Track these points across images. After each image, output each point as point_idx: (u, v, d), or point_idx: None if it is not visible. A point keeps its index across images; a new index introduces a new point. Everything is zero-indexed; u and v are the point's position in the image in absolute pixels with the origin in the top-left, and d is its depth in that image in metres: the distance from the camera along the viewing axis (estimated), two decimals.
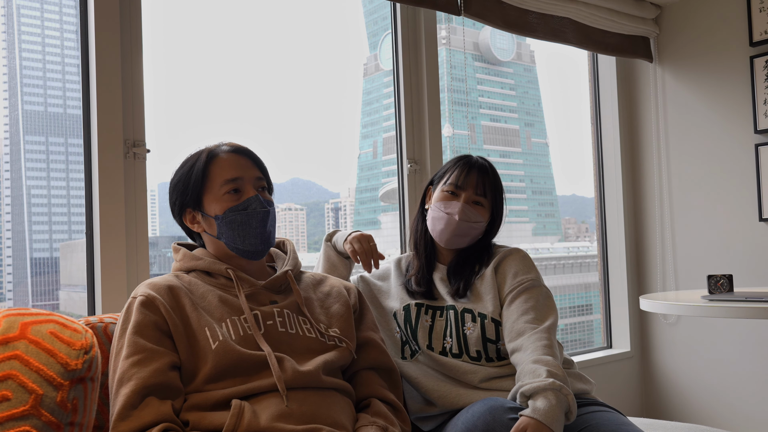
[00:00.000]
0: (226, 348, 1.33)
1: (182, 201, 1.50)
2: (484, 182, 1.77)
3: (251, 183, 1.48)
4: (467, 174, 1.77)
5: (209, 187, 1.47)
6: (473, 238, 1.78)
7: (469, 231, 1.76)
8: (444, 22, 3.09)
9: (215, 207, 1.46)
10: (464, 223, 1.74)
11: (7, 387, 1.14)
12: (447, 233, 1.76)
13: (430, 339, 1.72)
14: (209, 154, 1.49)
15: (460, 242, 1.78)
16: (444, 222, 1.75)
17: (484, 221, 1.78)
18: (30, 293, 2.05)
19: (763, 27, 2.98)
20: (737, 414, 3.10)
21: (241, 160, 1.49)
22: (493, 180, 1.79)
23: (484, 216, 1.77)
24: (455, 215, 1.73)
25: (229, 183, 1.46)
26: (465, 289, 1.72)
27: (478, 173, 1.77)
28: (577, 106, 3.66)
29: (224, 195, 1.46)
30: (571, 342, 3.61)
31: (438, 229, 1.78)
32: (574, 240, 3.93)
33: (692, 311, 2.33)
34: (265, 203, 1.47)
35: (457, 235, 1.75)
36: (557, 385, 1.37)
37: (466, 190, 1.76)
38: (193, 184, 1.47)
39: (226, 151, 1.50)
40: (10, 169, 2.07)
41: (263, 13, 2.61)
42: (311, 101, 2.69)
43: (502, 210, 1.82)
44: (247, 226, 1.45)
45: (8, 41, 2.05)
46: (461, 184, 1.77)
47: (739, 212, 3.08)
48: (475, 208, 1.76)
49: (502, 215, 1.83)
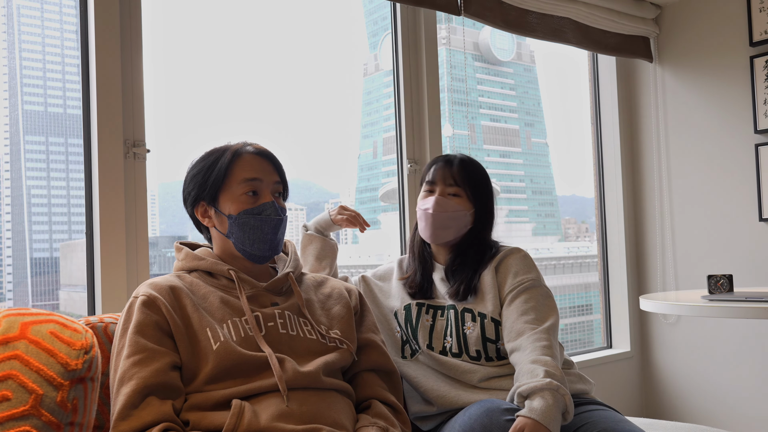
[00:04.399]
0: (228, 349, 1.34)
1: (198, 193, 1.50)
2: (455, 173, 1.79)
3: (269, 187, 1.49)
4: (439, 168, 1.81)
5: (228, 184, 1.47)
6: (458, 229, 1.78)
7: (448, 222, 1.76)
8: (444, 22, 3.09)
9: (230, 206, 1.46)
10: (440, 214, 1.76)
11: (7, 387, 1.14)
12: (428, 229, 1.78)
13: (430, 338, 1.72)
14: (235, 152, 1.49)
15: (445, 235, 1.78)
16: (423, 219, 1.79)
17: (464, 210, 1.77)
18: (30, 293, 2.05)
19: (763, 27, 2.98)
20: (737, 414, 3.10)
21: (264, 164, 1.50)
22: (468, 170, 1.80)
23: (463, 205, 1.78)
24: (429, 209, 1.77)
25: (249, 183, 1.46)
26: (466, 291, 1.72)
27: (447, 166, 1.80)
28: (577, 106, 3.66)
29: (241, 195, 1.46)
30: (571, 342, 3.61)
31: (421, 228, 1.82)
32: (574, 240, 3.93)
33: (692, 311, 2.34)
34: (279, 211, 1.48)
35: (438, 227, 1.77)
36: (554, 385, 1.37)
37: (438, 183, 1.80)
38: (214, 180, 1.47)
39: (250, 152, 1.50)
40: (10, 169, 2.07)
41: (263, 13, 2.61)
42: (311, 101, 2.69)
43: (489, 200, 1.82)
44: (258, 230, 1.46)
45: (8, 41, 2.05)
46: (432, 179, 1.81)
47: (739, 212, 3.08)
48: (452, 199, 1.77)
49: (490, 206, 1.83)
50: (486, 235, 1.83)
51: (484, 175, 1.83)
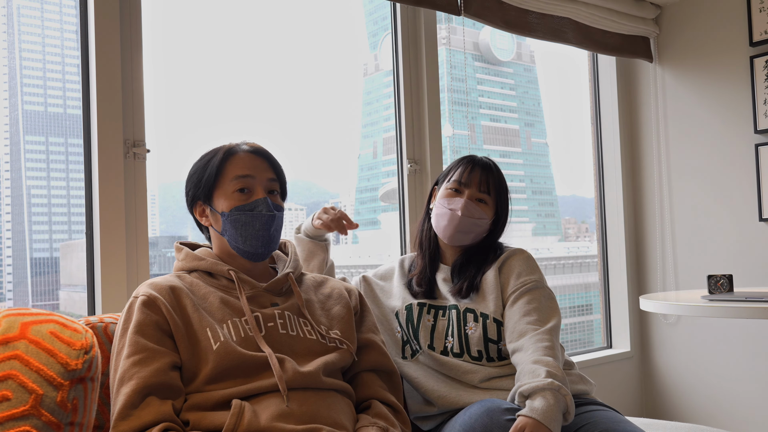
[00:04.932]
0: (228, 349, 1.34)
1: (195, 193, 1.51)
2: (488, 180, 1.78)
3: (262, 184, 1.48)
4: (471, 171, 1.78)
5: (221, 182, 1.47)
6: (477, 235, 1.78)
7: (472, 228, 1.76)
8: (444, 22, 3.09)
9: (223, 203, 1.47)
10: (467, 218, 1.74)
11: (7, 387, 1.14)
12: (450, 229, 1.76)
13: (431, 339, 1.72)
14: (228, 150, 1.50)
15: (464, 239, 1.78)
16: (447, 218, 1.76)
17: (487, 218, 1.78)
18: (30, 293, 2.05)
19: (763, 27, 2.98)
20: (737, 414, 3.10)
21: (257, 161, 1.50)
22: (497, 178, 1.80)
23: (487, 213, 1.78)
24: (458, 211, 1.74)
25: (240, 180, 1.46)
26: (468, 290, 1.72)
27: (481, 171, 1.78)
28: (577, 106, 3.66)
29: (233, 193, 1.46)
30: (571, 342, 3.61)
31: (441, 226, 1.78)
32: (574, 240, 3.93)
33: (692, 311, 2.33)
34: (272, 207, 1.47)
35: (460, 231, 1.75)
36: (556, 385, 1.37)
37: (470, 187, 1.77)
38: (207, 178, 1.48)
39: (244, 150, 1.50)
40: (10, 169, 2.07)
41: (263, 13, 2.61)
42: (311, 101, 2.69)
43: (507, 209, 1.83)
44: (250, 227, 1.45)
45: (8, 41, 2.05)
46: (465, 180, 1.78)
47: (739, 212, 3.08)
48: (479, 206, 1.76)
49: (507, 215, 1.83)
50: (496, 240, 1.84)
51: (506, 185, 1.83)
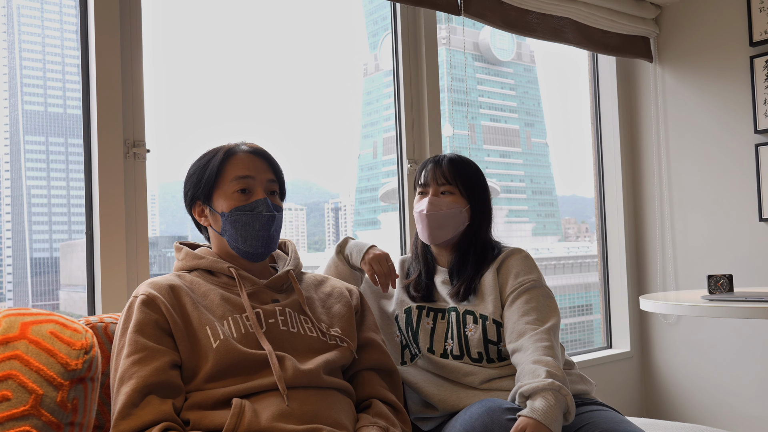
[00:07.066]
0: (227, 347, 1.34)
1: (194, 193, 1.51)
2: (449, 171, 1.77)
3: (262, 185, 1.49)
4: (431, 170, 1.79)
5: (221, 182, 1.48)
6: (455, 227, 1.77)
7: (445, 221, 1.75)
8: (444, 22, 3.09)
9: (223, 204, 1.47)
10: (435, 214, 1.74)
11: (7, 387, 1.14)
12: (425, 230, 1.77)
13: (431, 342, 1.72)
14: (227, 151, 1.50)
15: (444, 235, 1.77)
16: (419, 221, 1.79)
17: (458, 207, 1.76)
18: (30, 293, 2.05)
19: (763, 27, 2.98)
20: (737, 414, 3.10)
21: (257, 161, 1.50)
22: (458, 167, 1.78)
23: (457, 202, 1.76)
24: (424, 210, 1.76)
25: (240, 181, 1.46)
26: (467, 292, 1.72)
27: (437, 166, 1.79)
28: (577, 106, 3.66)
29: (233, 193, 1.46)
30: (571, 342, 3.61)
31: (419, 230, 1.81)
32: (574, 240, 3.93)
33: (692, 311, 2.33)
34: (272, 207, 1.48)
35: (436, 228, 1.76)
36: (556, 385, 1.37)
37: (430, 184, 1.79)
38: (207, 178, 1.48)
39: (244, 150, 1.50)
40: (10, 169, 2.06)
41: (263, 13, 2.61)
42: (311, 101, 2.69)
43: (484, 195, 1.81)
44: (250, 227, 1.46)
45: (8, 41, 2.05)
46: (425, 181, 1.80)
47: (739, 212, 3.08)
48: (445, 198, 1.76)
49: (487, 201, 1.81)
50: (485, 232, 1.81)
51: (476, 171, 1.81)
